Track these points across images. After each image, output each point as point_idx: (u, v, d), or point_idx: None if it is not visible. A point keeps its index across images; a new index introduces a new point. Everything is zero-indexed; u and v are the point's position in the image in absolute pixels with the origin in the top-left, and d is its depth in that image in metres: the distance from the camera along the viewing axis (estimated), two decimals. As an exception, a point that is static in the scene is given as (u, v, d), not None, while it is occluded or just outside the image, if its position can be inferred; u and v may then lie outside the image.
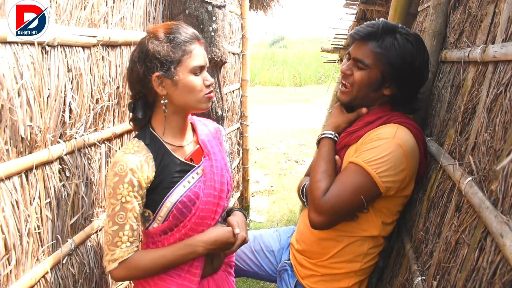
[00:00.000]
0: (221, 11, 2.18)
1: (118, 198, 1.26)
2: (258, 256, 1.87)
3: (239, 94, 3.92)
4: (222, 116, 2.35)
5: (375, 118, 1.48)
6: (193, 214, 1.34)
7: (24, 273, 1.19)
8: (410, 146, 1.39)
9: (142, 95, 1.34)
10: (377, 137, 1.41)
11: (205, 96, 1.34)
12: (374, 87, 1.47)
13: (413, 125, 1.45)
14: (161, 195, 1.32)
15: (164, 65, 1.27)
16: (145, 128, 1.37)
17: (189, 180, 1.36)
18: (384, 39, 1.43)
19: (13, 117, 1.10)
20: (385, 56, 1.42)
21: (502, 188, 0.89)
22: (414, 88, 1.49)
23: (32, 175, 1.22)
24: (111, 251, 1.27)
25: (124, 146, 1.32)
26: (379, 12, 4.02)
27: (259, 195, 5.15)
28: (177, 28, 1.31)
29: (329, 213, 1.40)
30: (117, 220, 1.26)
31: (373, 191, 1.39)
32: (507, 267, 0.80)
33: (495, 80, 1.09)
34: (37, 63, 1.20)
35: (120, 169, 1.25)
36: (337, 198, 1.39)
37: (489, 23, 1.24)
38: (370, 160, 1.37)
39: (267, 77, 17.90)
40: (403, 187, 1.42)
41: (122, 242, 1.26)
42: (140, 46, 1.30)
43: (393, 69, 1.42)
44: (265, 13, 6.04)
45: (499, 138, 0.98)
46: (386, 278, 1.69)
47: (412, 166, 1.41)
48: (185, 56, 1.29)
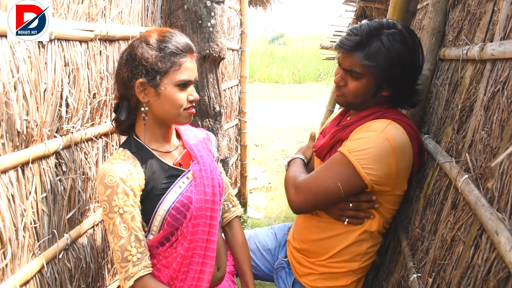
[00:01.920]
0: (220, 7, 2.17)
1: (115, 211, 1.21)
2: (254, 256, 1.86)
3: (238, 91, 3.91)
4: (220, 112, 2.34)
5: (370, 113, 1.48)
6: (189, 219, 1.31)
7: (20, 267, 1.19)
8: (400, 142, 1.37)
9: (125, 99, 1.30)
10: (366, 129, 1.41)
11: (186, 111, 1.30)
12: (371, 93, 1.45)
13: (407, 122, 1.43)
14: (152, 204, 1.28)
15: (149, 73, 1.23)
16: (129, 136, 1.34)
17: (180, 185, 1.33)
18: (370, 46, 1.37)
19: (9, 111, 1.09)
20: (374, 65, 1.37)
21: (498, 186, 0.89)
22: (410, 83, 1.47)
23: (28, 169, 1.21)
24: (124, 268, 1.21)
25: (110, 157, 1.27)
26: (378, 9, 4.01)
27: (257, 191, 5.15)
28: (171, 37, 1.26)
29: (307, 192, 1.44)
30: (120, 233, 1.21)
31: (355, 182, 1.37)
32: (501, 264, 0.80)
33: (493, 78, 1.09)
34: (34, 56, 1.19)
35: (110, 180, 1.21)
36: (314, 179, 1.43)
37: (487, 21, 1.24)
38: (354, 150, 1.36)
39: (266, 74, 17.87)
40: (393, 184, 1.40)
41: (132, 255, 1.21)
42: (130, 48, 1.26)
43: (385, 73, 1.38)
44: (265, 9, 6.02)
45: (495, 136, 0.98)
46: (382, 275, 1.70)
47: (403, 163, 1.39)
48: (173, 68, 1.24)
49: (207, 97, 2.23)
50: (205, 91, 2.23)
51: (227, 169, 2.58)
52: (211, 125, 2.30)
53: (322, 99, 10.61)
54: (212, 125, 2.31)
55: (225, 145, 2.52)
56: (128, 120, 1.33)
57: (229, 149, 3.68)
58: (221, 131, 2.42)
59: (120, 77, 1.27)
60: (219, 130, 2.38)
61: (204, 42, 2.12)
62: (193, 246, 1.32)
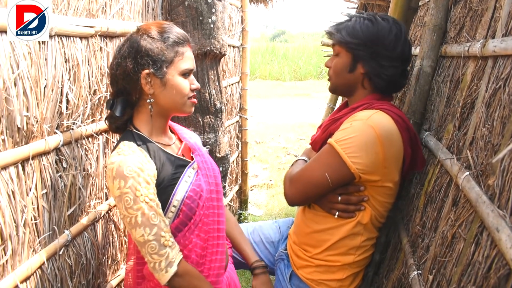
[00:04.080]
0: (221, 3, 2.16)
1: (141, 200, 1.18)
2: (257, 248, 1.88)
3: (239, 88, 3.91)
4: (221, 109, 2.34)
5: (359, 104, 1.51)
6: (201, 207, 1.33)
7: (21, 263, 1.19)
8: (386, 130, 1.37)
9: (125, 93, 1.30)
10: (351, 119, 1.44)
11: (190, 100, 1.34)
12: (348, 69, 1.53)
13: (395, 112, 1.44)
14: (165, 195, 1.28)
15: (156, 63, 1.25)
16: (128, 130, 1.33)
17: (189, 174, 1.34)
18: (342, 25, 1.54)
19: (9, 107, 1.09)
20: (342, 38, 1.51)
21: (499, 183, 0.88)
22: (383, 58, 1.48)
23: (28, 165, 1.21)
24: (163, 256, 1.19)
25: (117, 150, 1.25)
26: (379, 6, 3.99)
27: (257, 188, 5.16)
28: (170, 28, 1.29)
29: (298, 184, 1.50)
30: (152, 222, 1.19)
31: (342, 171, 1.40)
32: (502, 262, 0.80)
33: (494, 75, 1.08)
34: (34, 53, 1.19)
35: (129, 171, 1.18)
36: (305, 172, 1.50)
37: (489, 18, 1.23)
38: (340, 140, 1.40)
39: (268, 71, 17.84)
40: (381, 173, 1.40)
41: (167, 240, 1.20)
42: (131, 41, 1.27)
43: (352, 45, 1.50)
44: (266, 6, 6.01)
45: (497, 133, 0.98)
46: (383, 272, 1.70)
47: (390, 152, 1.39)
48: (177, 57, 1.28)
49: (208, 93, 2.23)
50: (206, 87, 2.22)
51: (227, 166, 2.57)
52: (211, 122, 2.30)
53: (323, 97, 10.60)
54: (213, 122, 2.30)
55: (225, 142, 2.51)
56: (124, 116, 1.32)
57: (230, 146, 3.68)
58: (222, 128, 2.42)
59: (122, 70, 1.26)
60: (220, 127, 2.38)
61: (205, 38, 2.11)
62: (206, 237, 1.36)
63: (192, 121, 2.21)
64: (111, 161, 1.22)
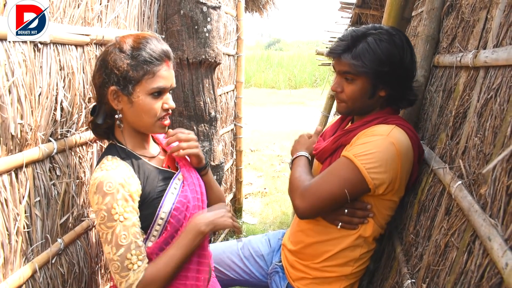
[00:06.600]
0: (216, 12, 2.18)
1: (115, 219, 1.17)
2: (247, 263, 1.85)
3: (234, 96, 3.92)
4: (216, 117, 2.34)
5: (373, 118, 1.48)
6: (188, 219, 1.31)
7: (13, 272, 1.18)
8: (404, 147, 1.38)
9: (102, 103, 1.28)
10: (371, 133, 1.41)
11: (160, 122, 1.28)
12: (368, 95, 1.46)
13: (409, 128, 1.44)
14: (151, 208, 1.26)
15: (120, 82, 1.20)
16: (111, 144, 1.33)
17: (175, 186, 1.33)
18: (356, 47, 1.41)
19: (3, 114, 1.09)
20: (361, 64, 1.40)
21: (491, 192, 0.89)
22: (405, 81, 1.47)
23: (22, 173, 1.21)
24: (124, 278, 1.17)
25: (100, 165, 1.23)
26: (373, 16, 4.04)
27: (252, 197, 5.15)
28: (146, 44, 1.21)
29: (313, 199, 1.40)
30: (120, 242, 1.16)
31: (360, 186, 1.38)
32: (494, 270, 0.80)
33: (486, 85, 1.10)
34: (29, 60, 1.19)
35: (109, 188, 1.17)
36: (321, 186, 1.40)
37: (481, 29, 1.25)
38: (360, 154, 1.36)
39: (262, 79, 17.91)
40: (393, 189, 1.41)
41: (132, 263, 1.17)
42: (103, 54, 1.24)
43: (375, 72, 1.40)
44: (261, 15, 6.04)
45: (488, 142, 0.99)
46: (377, 280, 1.70)
47: (405, 168, 1.40)
48: (146, 76, 1.21)
49: (202, 102, 2.24)
50: (201, 96, 2.23)
51: (222, 174, 2.57)
52: (206, 130, 2.30)
53: (317, 105, 10.64)
54: (208, 130, 2.31)
55: (220, 150, 2.52)
56: (104, 125, 1.31)
57: (225, 154, 3.68)
58: (217, 136, 2.42)
59: (95, 82, 1.26)
60: (215, 135, 2.38)
61: (200, 47, 2.13)
62: None
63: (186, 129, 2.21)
64: (94, 177, 1.21)
